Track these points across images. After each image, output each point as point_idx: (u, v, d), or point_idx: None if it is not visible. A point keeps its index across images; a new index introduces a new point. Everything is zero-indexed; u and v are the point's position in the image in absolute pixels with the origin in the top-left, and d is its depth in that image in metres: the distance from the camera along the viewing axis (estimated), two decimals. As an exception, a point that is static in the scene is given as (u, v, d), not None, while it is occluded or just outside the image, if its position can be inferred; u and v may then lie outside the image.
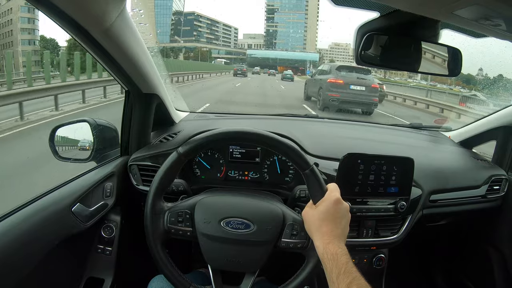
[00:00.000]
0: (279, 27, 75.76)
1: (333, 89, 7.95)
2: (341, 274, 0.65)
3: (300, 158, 0.82)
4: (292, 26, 75.62)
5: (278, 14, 76.95)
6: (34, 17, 18.99)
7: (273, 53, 64.24)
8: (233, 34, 76.76)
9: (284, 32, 75.61)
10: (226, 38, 75.75)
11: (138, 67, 1.00)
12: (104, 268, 1.11)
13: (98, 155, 1.18)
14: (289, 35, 75.70)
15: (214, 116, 1.62)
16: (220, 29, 74.95)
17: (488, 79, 11.54)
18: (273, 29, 76.05)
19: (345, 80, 8.02)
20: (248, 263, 0.84)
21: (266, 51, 68.39)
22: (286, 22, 76.00)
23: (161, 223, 0.84)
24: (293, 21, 75.31)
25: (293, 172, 1.22)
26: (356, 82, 8.04)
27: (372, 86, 8.16)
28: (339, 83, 8.00)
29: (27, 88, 7.02)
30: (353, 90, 7.96)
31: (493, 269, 1.40)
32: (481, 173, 1.32)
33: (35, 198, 0.89)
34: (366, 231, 1.11)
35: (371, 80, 8.32)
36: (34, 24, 19.38)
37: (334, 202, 0.76)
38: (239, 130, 0.83)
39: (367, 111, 8.30)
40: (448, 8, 0.54)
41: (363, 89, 8.00)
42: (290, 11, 76.47)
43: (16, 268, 0.77)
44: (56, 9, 0.68)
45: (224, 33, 75.58)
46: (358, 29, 0.76)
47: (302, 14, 75.43)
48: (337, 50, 69.54)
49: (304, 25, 75.00)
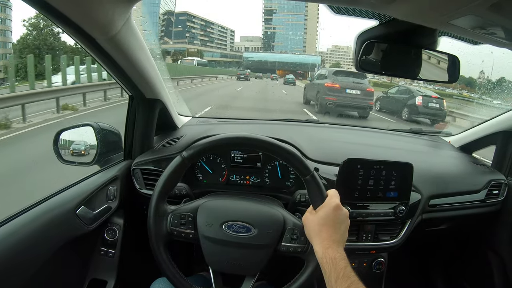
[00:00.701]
0: (277, 29, 72.97)
1: (330, 93, 8.26)
2: (339, 278, 0.66)
3: (301, 164, 0.83)
4: (291, 28, 73.05)
5: (276, 16, 74.19)
6: (6, 16, 16.53)
7: (271, 56, 61.84)
8: (229, 37, 73.93)
9: (283, 34, 72.99)
10: (222, 40, 72.78)
11: (142, 73, 1.02)
12: (107, 270, 1.12)
13: (101, 158, 1.19)
14: (288, 37, 73.08)
15: (216, 121, 1.64)
16: (215, 31, 71.95)
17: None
18: (271, 31, 73.30)
19: (341, 84, 8.35)
20: (248, 266, 0.85)
21: (264, 54, 66.02)
22: (284, 24, 73.39)
23: (164, 225, 0.85)
24: (292, 23, 72.77)
25: (293, 177, 1.23)
26: (351, 86, 8.35)
27: (367, 90, 8.47)
28: (335, 87, 8.32)
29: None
30: (349, 94, 8.28)
31: (492, 273, 1.40)
32: (481, 177, 1.33)
33: (40, 200, 0.91)
34: (366, 235, 1.12)
35: (366, 85, 8.66)
36: (5, 25, 16.58)
37: (334, 208, 0.78)
38: (242, 136, 0.85)
39: (363, 114, 8.56)
40: (445, 18, 0.56)
41: (359, 93, 8.31)
42: (289, 12, 73.96)
43: (21, 269, 0.78)
44: (63, 17, 0.69)
45: (220, 35, 72.56)
46: (358, 37, 0.77)
47: (301, 16, 72.91)
48: (338, 53, 68.14)
49: (304, 26, 72.32)
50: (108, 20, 0.74)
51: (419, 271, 1.72)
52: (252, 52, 70.03)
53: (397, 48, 0.80)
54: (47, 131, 5.11)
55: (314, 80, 10.05)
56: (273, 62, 56.10)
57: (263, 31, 73.93)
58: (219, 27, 73.20)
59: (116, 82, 1.08)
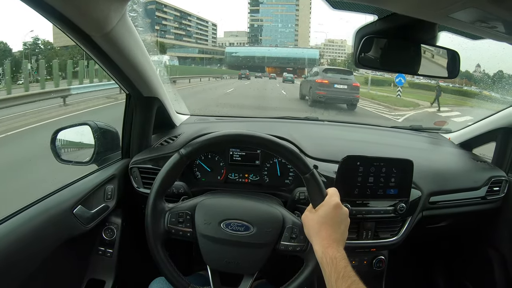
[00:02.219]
0: (265, 21, 64.26)
1: (320, 88, 9.36)
2: (340, 278, 0.65)
3: (301, 162, 0.82)
4: (281, 19, 64.26)
5: (264, 6, 65.02)
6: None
7: (260, 50, 53.29)
8: (211, 31, 64.02)
9: (272, 27, 64.19)
10: (202, 35, 62.42)
11: (139, 71, 1.01)
12: (105, 270, 1.11)
13: (99, 157, 1.18)
14: (278, 30, 64.14)
15: (215, 119, 1.63)
16: (193, 23, 60.87)
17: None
18: (258, 24, 64.04)
19: (330, 80, 9.46)
20: (247, 265, 0.85)
21: (251, 48, 57.07)
22: (273, 15, 64.33)
23: (162, 223, 0.84)
24: (282, 14, 64.19)
25: (293, 175, 1.22)
26: (339, 81, 9.48)
27: (353, 84, 9.65)
28: (324, 82, 9.43)
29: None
30: (336, 88, 9.40)
31: (493, 270, 1.40)
32: (481, 174, 1.32)
33: (36, 200, 0.90)
34: (366, 233, 1.11)
35: (352, 80, 9.81)
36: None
37: (333, 207, 0.77)
38: (240, 133, 0.84)
39: (350, 107, 9.75)
40: (445, 11, 0.55)
41: (345, 87, 9.46)
42: (278, 2, 65.22)
43: (18, 270, 0.77)
44: (58, 14, 0.68)
45: (200, 28, 62.01)
46: (357, 32, 0.76)
47: (292, 6, 64.43)
48: (332, 47, 60.94)
49: (295, 18, 63.59)
50: (103, 16, 0.73)
51: (420, 269, 1.72)
52: (236, 47, 60.56)
53: (396, 43, 0.79)
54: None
55: (308, 77, 11.24)
56: (262, 58, 50.15)
57: (249, 23, 64.96)
58: (199, 19, 62.54)
59: (113, 80, 1.07)
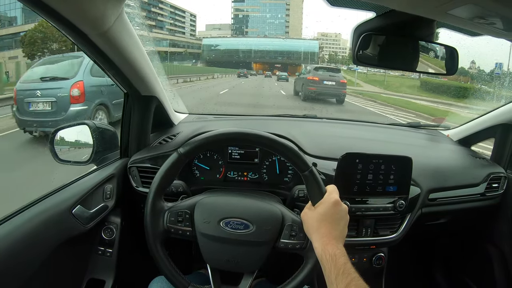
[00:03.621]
0: (251, 11, 55.82)
1: (311, 84, 10.50)
2: (339, 275, 0.66)
3: (300, 160, 0.82)
4: (270, 9, 56.04)
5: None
6: None
7: (245, 42, 44.44)
8: (189, 22, 54.86)
9: (259, 18, 55.63)
10: (178, 26, 53.01)
11: (136, 70, 1.01)
12: (104, 269, 1.11)
13: (97, 157, 1.18)
14: (266, 21, 55.76)
15: (213, 118, 1.63)
16: (166, 12, 51.16)
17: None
18: (244, 14, 55.62)
19: (320, 77, 10.59)
20: (246, 263, 0.85)
21: (234, 40, 48.56)
22: (261, 5, 56.08)
23: (161, 222, 0.84)
24: (271, 2, 56.22)
25: (292, 172, 1.22)
26: (328, 78, 10.61)
27: (340, 81, 10.93)
28: (315, 79, 10.56)
29: None
30: (326, 85, 10.47)
31: (493, 267, 1.40)
32: (480, 171, 1.32)
33: (35, 200, 0.90)
34: (365, 230, 1.12)
35: (340, 77, 11.10)
36: None
37: (333, 204, 0.77)
38: (239, 131, 0.84)
39: (339, 102, 10.97)
40: (443, 8, 0.54)
41: (334, 83, 10.60)
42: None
43: (18, 271, 0.77)
44: (54, 13, 0.68)
45: (174, 19, 52.50)
46: (355, 29, 0.76)
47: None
48: (325, 41, 54.17)
49: (286, 7, 55.61)
50: (100, 14, 0.72)
51: (420, 266, 1.72)
52: (216, 38, 50.81)
53: (394, 40, 0.79)
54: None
55: (301, 75, 12.35)
56: (248, 51, 42.13)
57: (233, 14, 56.26)
58: (172, 7, 52.37)
59: (111, 79, 1.07)
